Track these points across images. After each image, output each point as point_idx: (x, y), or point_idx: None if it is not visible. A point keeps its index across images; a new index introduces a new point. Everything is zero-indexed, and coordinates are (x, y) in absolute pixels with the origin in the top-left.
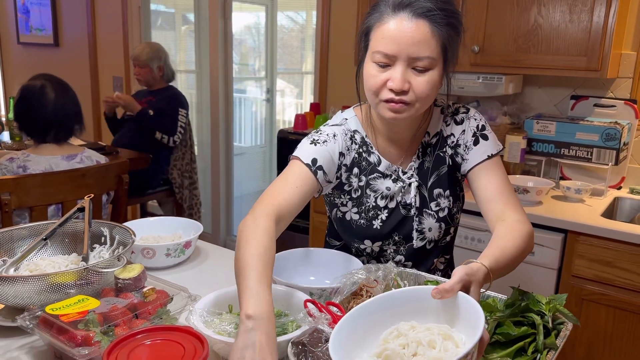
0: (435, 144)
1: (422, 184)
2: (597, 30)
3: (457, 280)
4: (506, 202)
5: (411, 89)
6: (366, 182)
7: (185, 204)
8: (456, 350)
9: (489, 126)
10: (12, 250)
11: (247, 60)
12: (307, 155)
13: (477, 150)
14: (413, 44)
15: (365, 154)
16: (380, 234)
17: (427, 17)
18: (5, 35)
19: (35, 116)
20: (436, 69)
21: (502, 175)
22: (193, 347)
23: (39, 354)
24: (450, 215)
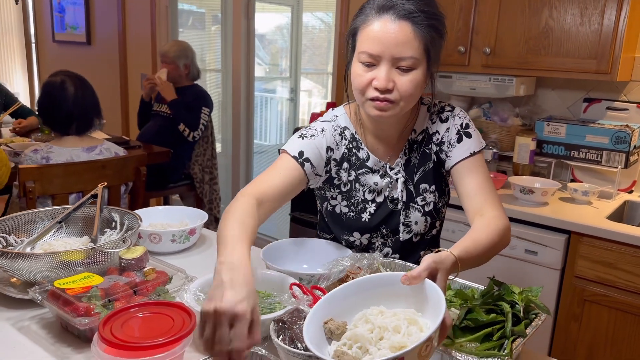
0: (421, 141)
1: (408, 180)
2: (607, 34)
3: (424, 268)
4: (485, 198)
5: (395, 88)
6: (355, 177)
7: (206, 199)
8: (419, 335)
9: (473, 124)
10: (30, 232)
11: (276, 60)
12: (295, 148)
13: (460, 148)
14: (396, 45)
15: (355, 149)
16: (368, 226)
17: (410, 18)
18: (42, 34)
19: (58, 109)
20: (419, 69)
21: (482, 172)
22: (182, 320)
23: (48, 325)
24: (436, 209)
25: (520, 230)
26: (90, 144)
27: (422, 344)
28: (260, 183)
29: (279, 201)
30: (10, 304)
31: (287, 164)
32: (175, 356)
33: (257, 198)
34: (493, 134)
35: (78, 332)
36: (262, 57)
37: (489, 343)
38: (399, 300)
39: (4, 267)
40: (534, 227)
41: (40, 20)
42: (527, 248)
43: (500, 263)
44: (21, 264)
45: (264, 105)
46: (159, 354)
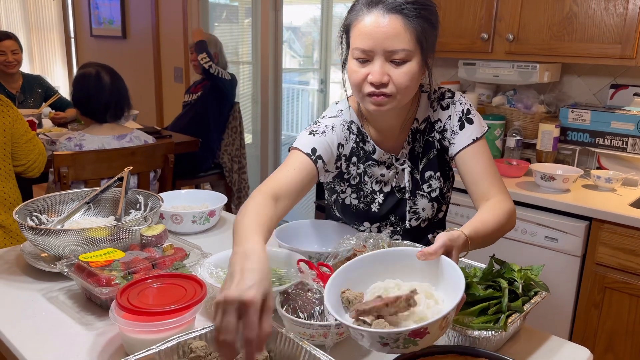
0: (424, 130)
1: (414, 168)
2: (632, 18)
3: (440, 245)
4: (491, 183)
5: (391, 81)
6: (364, 169)
7: (235, 187)
8: (438, 307)
9: (474, 109)
10: (60, 212)
11: (310, 52)
12: (306, 145)
13: (463, 135)
14: (387, 38)
15: (362, 143)
16: (377, 216)
17: (399, 11)
18: (80, 29)
19: (96, 99)
20: (413, 60)
21: (486, 158)
22: (194, 289)
23: (74, 296)
24: (442, 194)
25: (541, 217)
26: (121, 132)
27: (445, 316)
28: (275, 180)
29: (294, 197)
30: (40, 276)
31: (300, 161)
32: (186, 322)
33: (273, 194)
34: (517, 121)
35: (100, 302)
36: (296, 49)
37: (485, 317)
38: (413, 274)
39: (36, 242)
40: (554, 214)
41: (78, 15)
42: (547, 235)
43: (520, 249)
44: (51, 240)
45: (295, 97)
46: (170, 319)
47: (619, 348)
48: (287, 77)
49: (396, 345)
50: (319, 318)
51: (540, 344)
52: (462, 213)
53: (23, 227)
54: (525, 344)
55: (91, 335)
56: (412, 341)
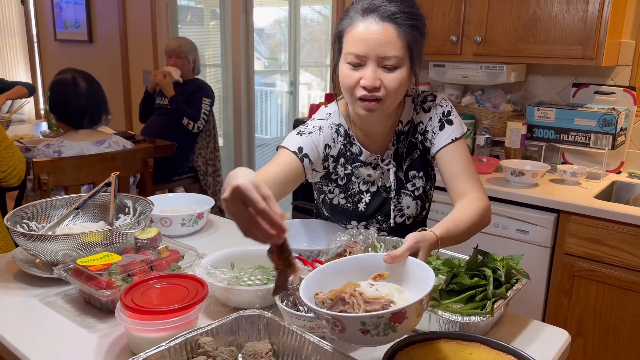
0: (407, 132)
1: (398, 168)
2: (592, 20)
3: (406, 248)
4: (467, 181)
5: (382, 86)
6: (351, 170)
7: (210, 190)
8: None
9: (455, 111)
10: (49, 218)
11: (275, 54)
12: (294, 144)
13: (443, 135)
14: (381, 45)
15: (349, 145)
16: (364, 214)
17: (392, 20)
18: (44, 33)
19: (72, 104)
20: (404, 67)
21: (464, 157)
22: (195, 289)
23: (72, 300)
24: (425, 193)
25: (512, 210)
26: (100, 138)
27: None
28: (261, 173)
29: (278, 192)
30: (35, 282)
31: (287, 158)
32: (190, 320)
33: None
34: (485, 120)
35: (100, 305)
36: (261, 51)
37: (473, 304)
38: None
39: (29, 249)
40: (524, 208)
41: (41, 19)
42: (518, 227)
43: (493, 242)
44: (45, 245)
45: (263, 99)
46: (174, 318)
47: (588, 333)
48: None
49: (377, 332)
50: None
51: (522, 328)
52: (443, 210)
53: (15, 234)
54: (509, 328)
55: (95, 337)
56: (392, 327)
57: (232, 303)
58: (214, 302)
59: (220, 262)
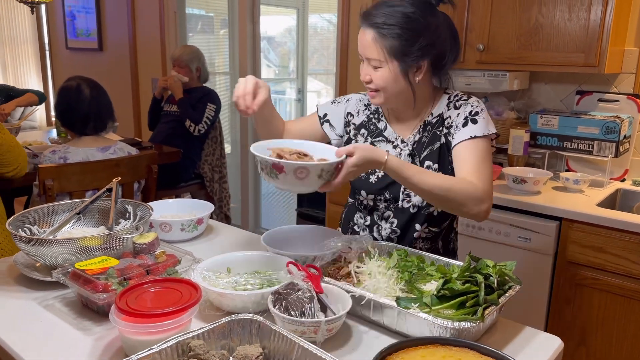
0: (434, 123)
1: (416, 155)
2: (594, 28)
3: (348, 148)
4: (474, 175)
5: (373, 80)
6: (371, 143)
7: (216, 197)
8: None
9: (485, 114)
10: (52, 223)
11: (285, 62)
12: (322, 109)
13: (464, 131)
14: (364, 47)
15: (375, 120)
16: (373, 188)
17: (375, 27)
18: (55, 42)
19: (76, 111)
20: (386, 68)
21: (480, 156)
22: (189, 293)
23: (70, 303)
24: None
25: (514, 218)
26: (105, 144)
27: (320, 165)
28: (291, 123)
29: (296, 134)
30: (35, 286)
31: (313, 119)
32: (183, 323)
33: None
34: None
35: (97, 308)
36: (272, 59)
37: (464, 310)
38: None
39: (29, 253)
40: (527, 215)
41: (53, 28)
42: (520, 235)
43: (495, 249)
44: (45, 249)
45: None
46: (167, 321)
47: (591, 341)
48: None
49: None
50: (309, 316)
51: (515, 334)
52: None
53: (17, 237)
54: (502, 334)
55: (90, 340)
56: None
57: (226, 307)
58: (209, 306)
59: (216, 267)
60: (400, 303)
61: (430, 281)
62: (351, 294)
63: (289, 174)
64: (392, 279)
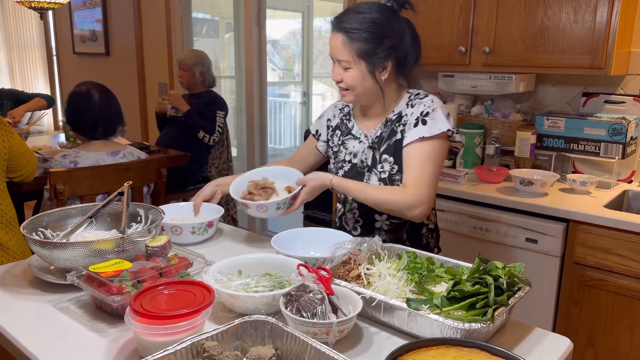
0: (394, 120)
1: (376, 149)
2: (600, 30)
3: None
4: (412, 178)
5: (343, 80)
6: (342, 141)
7: (223, 200)
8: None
9: (437, 113)
10: (64, 227)
11: (290, 65)
12: (314, 127)
13: (414, 131)
14: (335, 50)
15: (347, 120)
16: None
17: (344, 31)
18: (62, 47)
19: (85, 116)
20: (354, 69)
21: (424, 157)
22: (202, 295)
23: (84, 305)
24: (391, 178)
25: (521, 220)
26: (114, 149)
27: (276, 202)
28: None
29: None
30: (49, 288)
31: (310, 140)
32: (197, 324)
33: (290, 161)
34: (495, 130)
35: (111, 310)
36: (276, 62)
37: (474, 311)
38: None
39: (43, 256)
40: (534, 217)
41: (60, 33)
42: (527, 237)
43: (503, 251)
44: (59, 253)
45: (277, 110)
46: (182, 322)
47: (599, 342)
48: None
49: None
50: (321, 317)
51: (524, 335)
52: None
53: (31, 241)
54: (511, 335)
55: (105, 342)
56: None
57: (238, 309)
58: (221, 308)
59: (228, 269)
60: (411, 304)
61: (440, 283)
62: (361, 295)
63: (253, 209)
64: (402, 280)
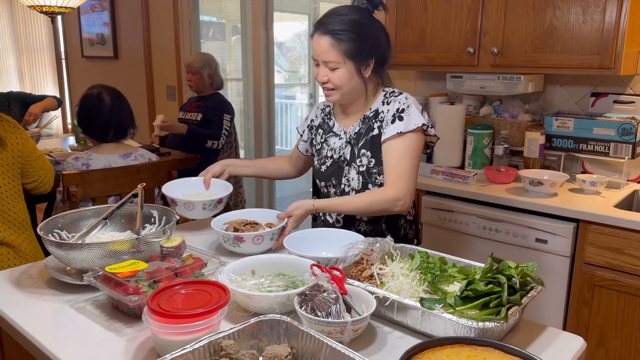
0: (371, 117)
1: (355, 144)
2: (609, 30)
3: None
4: (392, 173)
5: (330, 81)
6: (325, 139)
7: (231, 202)
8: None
9: (412, 110)
10: (79, 228)
11: (295, 67)
12: (301, 129)
13: (392, 127)
14: (322, 52)
15: (327, 119)
16: (323, 176)
17: (329, 33)
18: (71, 51)
19: (96, 119)
20: (342, 68)
21: (402, 151)
22: (218, 294)
23: (101, 305)
24: (369, 172)
25: (531, 220)
26: (126, 151)
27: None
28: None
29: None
30: (66, 289)
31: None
32: (213, 323)
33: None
34: (504, 130)
35: (127, 310)
36: (282, 64)
37: (488, 310)
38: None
39: (60, 257)
40: (543, 217)
41: (69, 37)
42: (537, 237)
43: (513, 251)
44: (75, 254)
45: (284, 112)
46: (199, 321)
47: (610, 343)
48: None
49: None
50: (335, 316)
51: (538, 334)
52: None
53: (48, 242)
54: (525, 334)
55: (122, 341)
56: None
57: (253, 308)
58: (236, 307)
59: (241, 270)
60: (424, 304)
61: (453, 282)
62: (375, 295)
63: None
64: (415, 280)
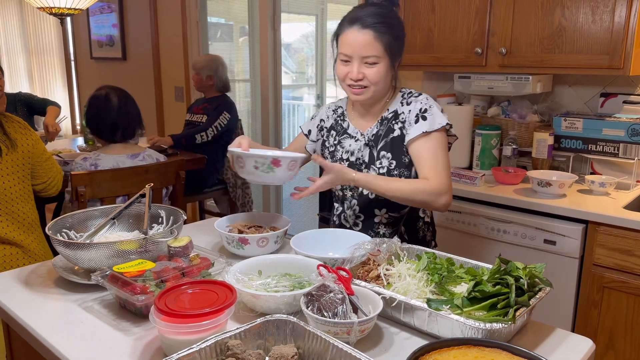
0: (390, 118)
1: (373, 146)
2: (618, 30)
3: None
4: (430, 169)
5: (365, 77)
6: (339, 141)
7: (239, 202)
8: None
9: (434, 110)
10: (87, 228)
11: (303, 68)
12: (306, 127)
13: (416, 127)
14: (362, 47)
15: (341, 121)
16: None
17: (371, 27)
18: (80, 52)
19: (104, 119)
20: (382, 63)
21: (434, 149)
22: (225, 294)
23: (108, 305)
24: (389, 174)
25: (539, 221)
26: (134, 151)
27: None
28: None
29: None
30: (74, 288)
31: (300, 137)
32: (220, 323)
33: None
34: (512, 131)
35: (135, 309)
36: (289, 65)
37: (495, 311)
38: None
39: (68, 256)
40: (552, 218)
41: (78, 38)
42: (546, 238)
43: (521, 252)
44: (83, 253)
45: (291, 113)
46: (205, 321)
47: (619, 345)
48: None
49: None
50: (342, 317)
51: (546, 336)
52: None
53: (56, 242)
54: (533, 336)
55: (129, 340)
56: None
57: (259, 308)
58: (242, 307)
59: (248, 270)
60: (432, 305)
61: (460, 283)
62: (381, 295)
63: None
64: (422, 281)
